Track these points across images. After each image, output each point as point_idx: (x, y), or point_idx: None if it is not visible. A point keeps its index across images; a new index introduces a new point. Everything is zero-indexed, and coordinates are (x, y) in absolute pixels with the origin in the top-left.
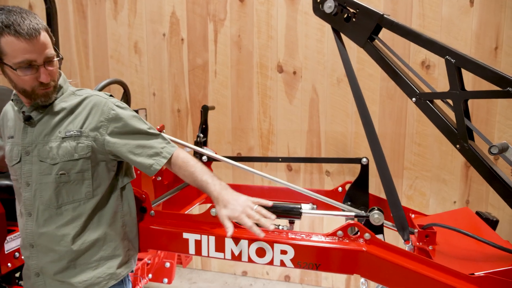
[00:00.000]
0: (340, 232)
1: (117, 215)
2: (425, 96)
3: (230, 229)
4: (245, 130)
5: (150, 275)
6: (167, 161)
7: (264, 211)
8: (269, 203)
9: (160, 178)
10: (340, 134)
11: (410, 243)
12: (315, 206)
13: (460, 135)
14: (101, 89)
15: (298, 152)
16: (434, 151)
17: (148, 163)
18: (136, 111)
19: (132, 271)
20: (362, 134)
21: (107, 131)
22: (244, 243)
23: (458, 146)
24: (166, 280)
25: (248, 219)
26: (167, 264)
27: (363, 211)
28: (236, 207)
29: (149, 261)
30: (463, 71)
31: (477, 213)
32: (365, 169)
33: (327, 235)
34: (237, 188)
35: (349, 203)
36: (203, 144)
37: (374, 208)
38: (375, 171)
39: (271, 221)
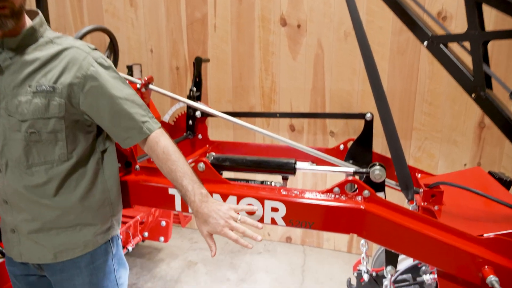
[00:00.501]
0: (336, 189)
1: (97, 181)
2: (438, 39)
3: (213, 247)
4: (246, 88)
5: (146, 234)
6: (144, 139)
7: (250, 221)
8: (254, 207)
9: None
10: (346, 92)
11: (415, 203)
12: (314, 164)
13: (477, 82)
14: (81, 37)
15: (302, 110)
16: (446, 111)
17: (123, 136)
18: (130, 67)
19: (116, 236)
20: (369, 91)
21: (83, 90)
22: (232, 199)
23: (473, 95)
24: (162, 238)
25: (232, 232)
26: (163, 223)
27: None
28: (218, 220)
29: (143, 220)
30: (484, 12)
31: (490, 173)
32: (369, 125)
33: (323, 192)
34: (234, 146)
35: (351, 161)
36: (197, 98)
37: (375, 164)
38: (381, 131)
39: (258, 230)
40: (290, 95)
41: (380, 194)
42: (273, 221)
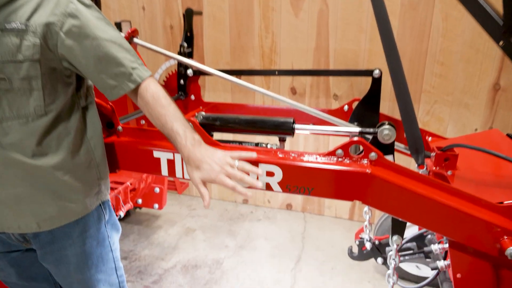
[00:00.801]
0: (340, 151)
1: (80, 140)
2: None
3: (206, 196)
4: (245, 48)
5: (139, 200)
6: (134, 88)
7: (248, 166)
8: (253, 154)
9: None
10: (351, 52)
11: (425, 168)
12: None
13: (507, 27)
14: None
15: None
16: (459, 72)
17: (110, 84)
18: (119, 24)
19: (107, 201)
20: (377, 51)
21: (62, 29)
22: None
23: (501, 42)
24: (156, 205)
25: (229, 179)
26: (157, 190)
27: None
28: (212, 166)
29: (135, 187)
30: None
31: (509, 135)
32: (377, 83)
33: (324, 154)
34: (230, 107)
35: (356, 123)
36: (188, 55)
37: (384, 123)
38: (387, 94)
39: (258, 176)
40: (291, 56)
41: (389, 157)
42: (269, 187)
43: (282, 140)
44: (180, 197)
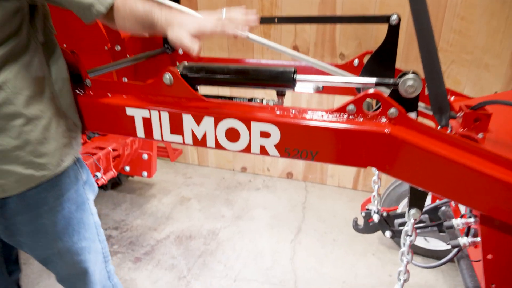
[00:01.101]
0: (351, 107)
1: (41, 83)
2: None
3: (195, 45)
4: (243, 1)
5: (127, 168)
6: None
7: (239, 14)
8: (241, 8)
9: (119, 47)
10: (360, 5)
11: (449, 130)
12: (320, 86)
13: None
14: None
15: (307, 29)
16: (481, 28)
17: (86, 2)
18: None
19: (79, 158)
20: (390, 2)
21: None
22: (208, 121)
23: None
24: (145, 173)
25: (217, 22)
26: (145, 156)
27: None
28: (195, 18)
29: (119, 153)
30: None
31: None
32: (393, 32)
33: (332, 111)
34: (223, 62)
35: None
36: (175, 1)
37: (407, 72)
38: (400, 54)
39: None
40: (294, 10)
41: (412, 115)
42: (263, 151)
43: (280, 95)
44: (175, 165)
